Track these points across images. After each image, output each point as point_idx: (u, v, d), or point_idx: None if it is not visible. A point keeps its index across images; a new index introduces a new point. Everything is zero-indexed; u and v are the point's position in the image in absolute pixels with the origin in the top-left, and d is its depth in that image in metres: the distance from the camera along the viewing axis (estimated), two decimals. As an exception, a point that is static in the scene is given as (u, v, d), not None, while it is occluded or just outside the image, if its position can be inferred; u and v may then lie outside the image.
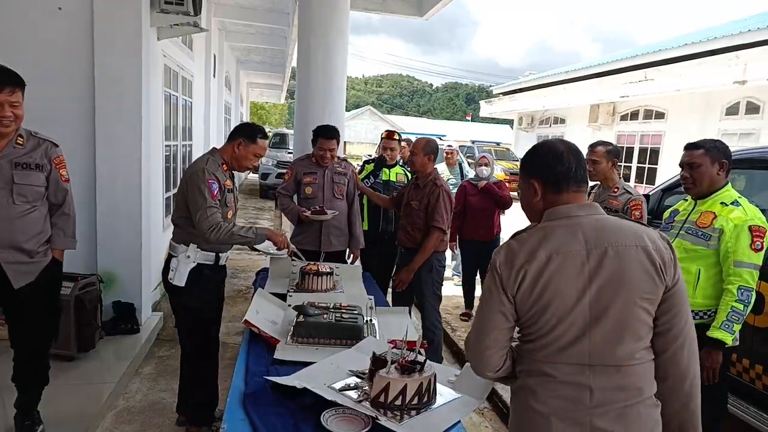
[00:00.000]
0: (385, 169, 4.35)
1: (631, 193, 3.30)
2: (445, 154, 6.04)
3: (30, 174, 2.38)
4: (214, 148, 2.80)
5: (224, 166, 2.70)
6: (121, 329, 3.94)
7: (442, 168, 5.74)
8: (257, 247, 2.89)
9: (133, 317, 4.02)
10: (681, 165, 2.58)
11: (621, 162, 14.68)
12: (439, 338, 3.73)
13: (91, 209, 3.88)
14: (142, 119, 3.94)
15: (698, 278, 2.41)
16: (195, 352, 2.79)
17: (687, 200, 2.64)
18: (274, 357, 1.99)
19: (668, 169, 11.25)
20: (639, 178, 14.23)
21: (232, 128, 2.98)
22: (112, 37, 3.77)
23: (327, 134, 3.67)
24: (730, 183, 2.50)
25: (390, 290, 3.91)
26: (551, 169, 1.45)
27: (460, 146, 16.96)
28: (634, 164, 14.48)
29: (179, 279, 2.61)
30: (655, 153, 13.73)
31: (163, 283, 2.76)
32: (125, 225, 3.97)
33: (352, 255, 4.00)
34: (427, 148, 3.56)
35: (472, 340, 1.45)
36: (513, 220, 5.07)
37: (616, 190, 3.34)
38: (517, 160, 17.67)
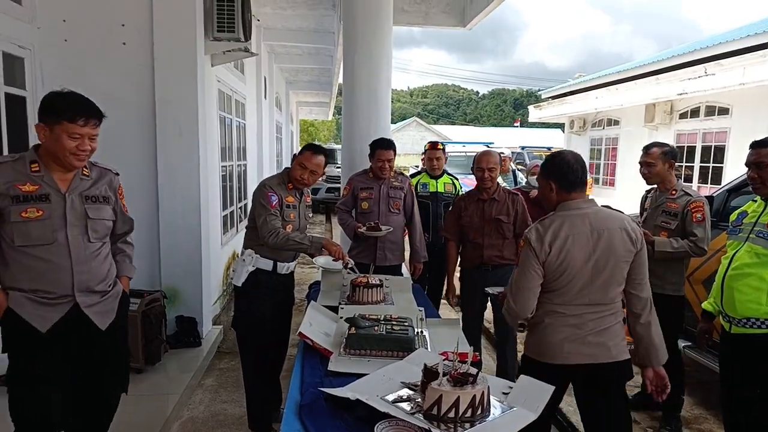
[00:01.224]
0: (432, 181, 4.35)
1: (690, 195, 3.15)
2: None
3: (100, 208, 2.19)
4: (287, 168, 3.06)
5: (290, 184, 2.96)
6: (184, 342, 4.12)
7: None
8: (317, 263, 3.09)
9: (195, 331, 4.19)
10: (747, 164, 2.45)
11: (682, 162, 14.05)
12: None
13: (153, 228, 4.10)
14: (200, 141, 4.14)
15: None
16: (249, 357, 2.94)
17: (756, 201, 2.49)
18: (328, 369, 2.03)
19: (735, 168, 10.62)
20: (703, 179, 13.52)
21: (283, 147, 3.16)
22: (170, 66, 4.00)
23: (383, 145, 3.75)
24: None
25: (459, 309, 3.83)
26: (564, 176, 2.14)
27: (512, 152, 16.76)
28: (697, 164, 13.77)
29: (237, 279, 2.87)
30: (719, 151, 13.01)
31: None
32: (186, 242, 4.17)
33: (414, 268, 3.98)
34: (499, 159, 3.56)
35: (516, 293, 2.11)
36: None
37: (674, 192, 3.19)
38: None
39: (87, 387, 2.23)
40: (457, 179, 4.58)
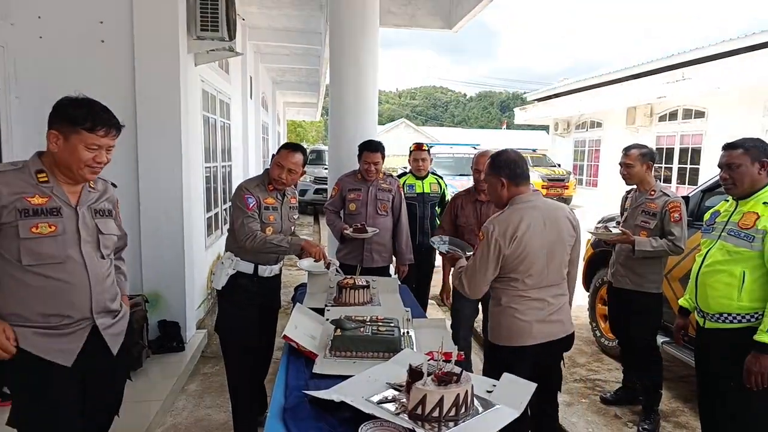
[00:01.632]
0: (418, 182, 4.37)
1: (668, 195, 3.22)
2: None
3: (108, 222, 2.02)
4: (266, 169, 3.00)
5: (270, 185, 2.90)
6: (167, 347, 4.07)
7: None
8: (301, 266, 3.06)
9: (178, 335, 4.15)
10: (720, 166, 2.51)
11: (662, 164, 14.30)
12: None
13: (134, 230, 4.03)
14: (182, 143, 4.10)
15: (743, 281, 2.33)
16: (232, 362, 2.91)
17: (728, 201, 2.56)
18: (313, 371, 2.03)
19: (710, 169, 10.83)
20: (681, 179, 13.79)
21: (269, 148, 3.14)
22: (151, 65, 3.95)
23: (371, 147, 3.75)
24: (772, 182, 2.41)
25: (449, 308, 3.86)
26: (513, 171, 2.35)
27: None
28: (675, 165, 14.04)
29: (217, 282, 2.83)
30: (696, 153, 13.28)
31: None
32: (168, 245, 4.12)
33: (399, 271, 3.98)
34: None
35: (471, 279, 2.33)
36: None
37: (653, 192, 3.26)
38: (554, 166, 17.54)
39: (89, 411, 2.03)
40: (442, 179, 4.60)
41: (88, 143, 1.84)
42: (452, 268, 2.66)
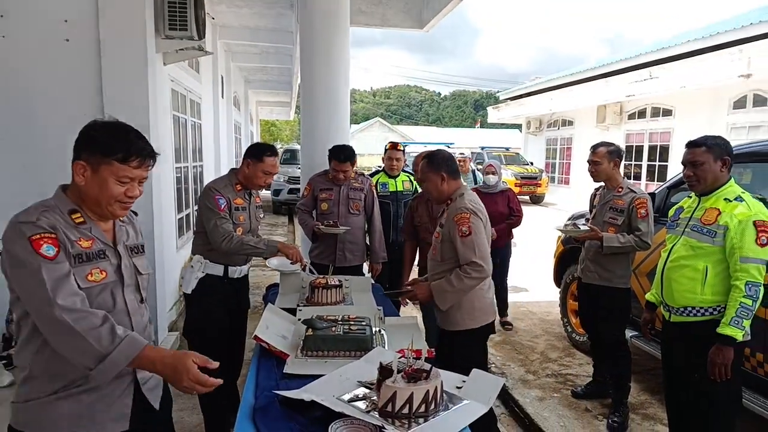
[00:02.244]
0: (391, 180, 4.39)
1: (635, 192, 3.29)
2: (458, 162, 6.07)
3: (142, 259, 1.75)
4: (233, 169, 2.95)
5: (238, 185, 2.86)
6: (138, 350, 3.98)
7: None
8: (270, 265, 3.02)
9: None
10: (683, 163, 2.56)
11: (632, 161, 14.63)
12: None
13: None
14: (151, 143, 4.01)
15: (706, 275, 2.40)
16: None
17: (691, 197, 2.63)
18: (284, 371, 2.02)
19: (679, 166, 11.10)
20: (650, 176, 14.12)
21: (242, 147, 3.10)
22: (119, 65, 3.87)
23: (340, 158, 3.71)
24: (732, 178, 2.49)
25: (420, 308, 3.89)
26: (450, 166, 2.64)
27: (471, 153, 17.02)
28: (645, 162, 14.38)
29: (186, 286, 2.79)
30: (665, 150, 13.63)
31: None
32: (138, 247, 4.04)
33: (372, 269, 4.00)
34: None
35: (484, 255, 2.50)
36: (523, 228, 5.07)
37: (620, 189, 3.33)
38: (527, 164, 17.79)
39: None
40: (414, 175, 4.62)
41: (119, 176, 1.57)
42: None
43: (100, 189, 1.57)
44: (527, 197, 16.87)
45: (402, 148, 4.53)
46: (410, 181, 4.49)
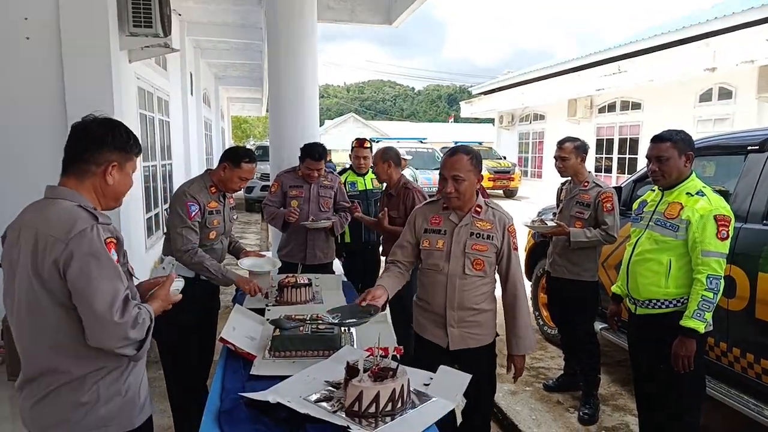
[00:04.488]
0: (359, 178, 4.33)
1: (601, 186, 3.34)
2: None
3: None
4: (208, 170, 2.89)
5: (212, 188, 2.81)
6: (107, 354, 3.90)
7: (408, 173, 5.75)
8: (242, 265, 2.98)
9: (118, 341, 3.99)
10: (648, 158, 2.58)
11: (602, 154, 14.90)
12: None
13: (68, 236, 3.86)
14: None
15: (669, 268, 2.44)
16: (173, 372, 2.82)
17: (654, 191, 2.67)
18: (251, 373, 2.00)
19: (648, 159, 11.39)
20: (621, 169, 14.40)
21: (213, 144, 3.05)
22: (81, 64, 3.78)
23: (314, 156, 3.66)
24: (694, 173, 2.54)
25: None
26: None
27: (442, 148, 17.09)
28: (615, 155, 14.66)
29: None
30: (634, 143, 13.91)
31: None
32: (105, 249, 3.95)
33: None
34: (385, 156, 3.58)
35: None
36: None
37: (586, 184, 3.38)
38: (500, 158, 17.95)
39: None
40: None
41: (134, 168, 1.69)
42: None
43: (125, 184, 1.66)
44: (500, 191, 17.03)
45: (369, 145, 4.42)
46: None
